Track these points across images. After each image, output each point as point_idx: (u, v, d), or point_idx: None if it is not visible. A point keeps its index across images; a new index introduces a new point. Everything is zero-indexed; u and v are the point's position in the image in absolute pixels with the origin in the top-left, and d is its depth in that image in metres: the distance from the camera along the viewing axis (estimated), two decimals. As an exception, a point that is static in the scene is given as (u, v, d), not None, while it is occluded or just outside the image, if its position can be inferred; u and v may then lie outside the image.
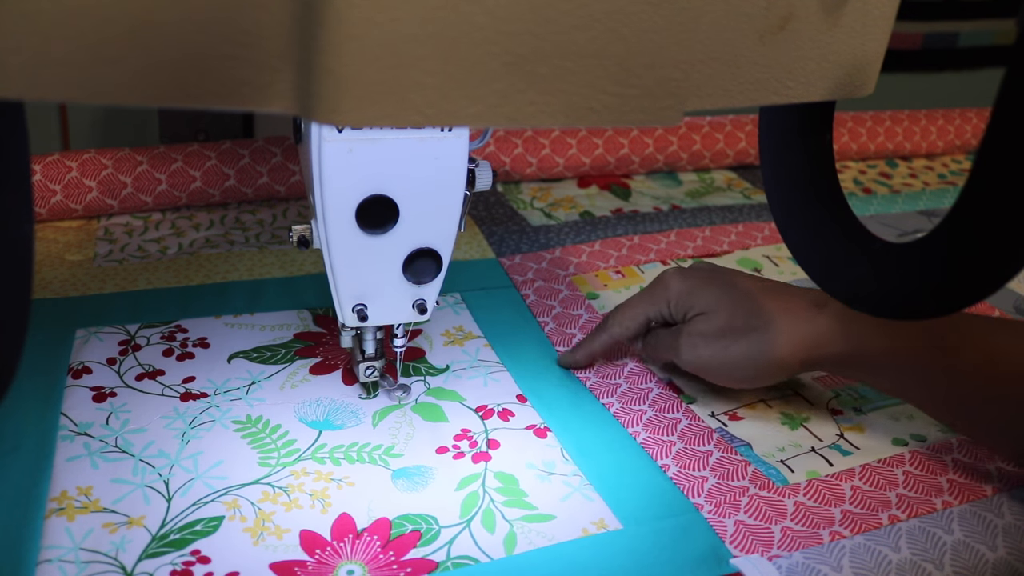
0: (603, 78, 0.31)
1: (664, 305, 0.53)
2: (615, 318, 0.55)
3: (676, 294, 0.53)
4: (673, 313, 0.53)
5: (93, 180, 0.68)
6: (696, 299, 0.52)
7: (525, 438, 0.50)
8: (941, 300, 0.37)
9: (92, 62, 0.27)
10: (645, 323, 0.55)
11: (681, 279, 0.53)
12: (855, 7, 0.36)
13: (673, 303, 0.53)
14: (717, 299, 0.51)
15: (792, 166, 0.46)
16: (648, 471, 0.48)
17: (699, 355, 0.51)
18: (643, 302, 0.54)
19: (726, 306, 0.51)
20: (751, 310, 0.50)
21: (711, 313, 0.51)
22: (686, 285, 0.52)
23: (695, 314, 0.52)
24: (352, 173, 0.42)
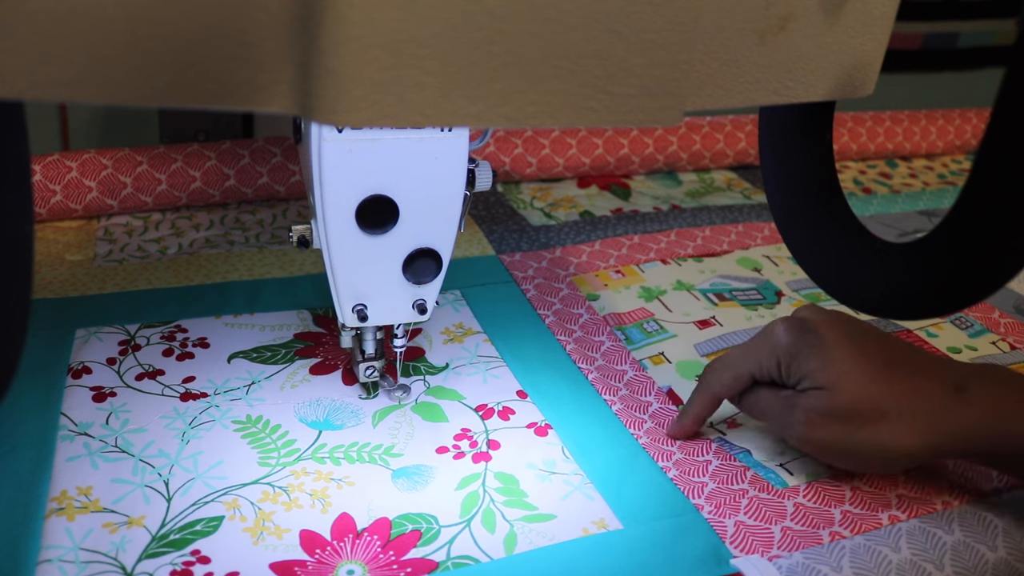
0: (603, 78, 0.31)
1: (773, 365, 0.46)
2: (715, 374, 0.49)
3: (787, 354, 0.45)
4: (784, 376, 0.45)
5: (93, 180, 0.68)
6: (813, 366, 0.44)
7: (525, 437, 0.50)
8: (941, 300, 0.37)
9: (92, 62, 0.27)
10: (748, 382, 0.47)
11: (794, 335, 0.45)
12: (855, 7, 0.36)
13: (784, 365, 0.45)
14: (840, 373, 0.43)
15: (792, 166, 0.46)
16: (649, 471, 0.48)
17: (817, 437, 0.44)
18: (747, 358, 0.47)
19: (851, 383, 0.43)
20: (880, 391, 0.43)
21: (833, 390, 0.43)
22: (800, 345, 0.45)
23: (812, 386, 0.44)
24: (352, 173, 0.42)
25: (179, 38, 0.27)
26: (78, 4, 0.26)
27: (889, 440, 0.43)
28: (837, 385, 0.43)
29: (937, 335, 0.65)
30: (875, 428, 0.43)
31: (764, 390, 0.47)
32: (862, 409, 0.43)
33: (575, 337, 0.59)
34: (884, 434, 0.43)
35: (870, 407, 0.43)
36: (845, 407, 0.43)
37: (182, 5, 0.27)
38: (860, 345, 0.44)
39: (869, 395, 0.43)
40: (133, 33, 0.27)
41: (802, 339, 0.45)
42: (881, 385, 0.43)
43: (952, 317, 0.67)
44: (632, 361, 0.58)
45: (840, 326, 0.46)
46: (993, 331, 0.66)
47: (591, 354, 0.58)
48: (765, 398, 0.47)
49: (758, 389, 0.47)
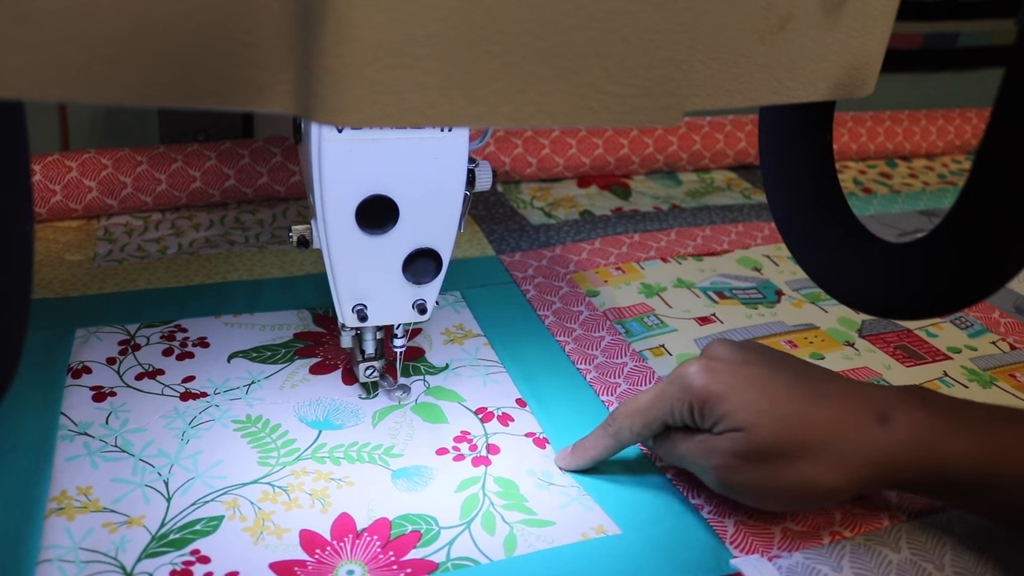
0: (603, 78, 0.31)
1: (686, 411, 0.43)
2: (623, 420, 0.46)
3: (700, 398, 0.42)
4: (698, 421, 0.43)
5: (93, 180, 0.68)
6: (727, 408, 0.41)
7: (524, 446, 0.50)
8: (941, 300, 0.37)
9: (92, 62, 0.27)
10: (660, 429, 0.45)
11: (707, 377, 0.42)
12: (855, 7, 0.36)
13: (698, 410, 0.42)
14: (757, 413, 0.41)
15: (792, 166, 0.46)
16: (648, 476, 0.48)
17: (738, 481, 0.42)
18: (659, 402, 0.44)
19: (768, 422, 0.41)
20: (800, 427, 0.41)
21: (750, 430, 0.41)
22: (715, 387, 0.42)
23: (728, 428, 0.42)
24: (352, 173, 0.42)
25: (179, 38, 0.27)
26: (78, 4, 0.26)
27: (813, 477, 0.41)
28: (754, 425, 0.41)
29: (937, 335, 0.65)
30: (798, 466, 0.41)
31: (678, 436, 0.44)
32: (782, 448, 0.41)
33: (575, 336, 0.59)
34: (807, 472, 0.41)
35: (791, 445, 0.41)
36: (764, 447, 0.41)
37: (182, 5, 0.27)
38: (776, 380, 0.42)
39: (789, 432, 0.41)
40: (133, 33, 0.27)
41: (715, 380, 0.42)
42: (800, 421, 0.41)
43: (952, 317, 0.67)
44: (632, 353, 0.58)
45: (753, 363, 0.43)
46: (993, 331, 0.66)
47: (591, 352, 0.58)
48: (680, 444, 0.44)
49: (672, 435, 0.45)
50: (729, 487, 0.43)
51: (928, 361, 0.61)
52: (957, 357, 0.62)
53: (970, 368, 0.61)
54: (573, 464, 0.48)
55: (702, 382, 0.42)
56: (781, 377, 0.43)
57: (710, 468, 0.42)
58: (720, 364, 0.43)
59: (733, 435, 0.41)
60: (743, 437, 0.41)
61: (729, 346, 0.45)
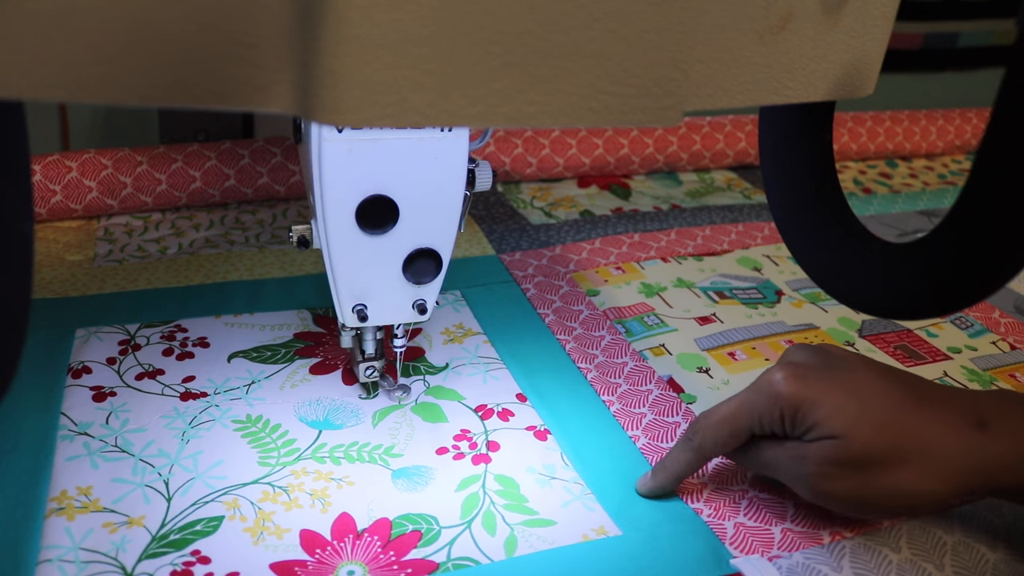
0: (603, 78, 0.31)
1: (776, 419, 0.42)
2: (707, 432, 0.44)
3: (791, 404, 0.41)
4: (789, 429, 0.42)
5: (93, 180, 0.68)
6: (821, 415, 0.40)
7: (525, 440, 0.50)
8: (941, 300, 0.37)
9: (92, 62, 0.27)
10: (747, 438, 0.44)
11: (797, 383, 0.41)
12: (855, 7, 0.36)
13: (789, 417, 0.41)
14: (851, 418, 0.40)
15: (792, 166, 0.46)
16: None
17: (834, 490, 0.41)
18: (745, 411, 0.43)
19: (864, 429, 0.40)
20: (896, 434, 0.40)
21: (845, 437, 0.40)
22: (806, 392, 0.41)
23: (822, 436, 0.40)
24: (352, 173, 0.42)
25: (179, 38, 0.27)
26: (78, 4, 0.26)
27: (911, 485, 0.40)
28: (849, 432, 0.40)
29: (937, 335, 0.65)
30: (895, 474, 0.40)
31: (767, 444, 0.43)
32: (879, 455, 0.40)
33: (575, 335, 0.59)
34: (905, 480, 0.40)
35: (888, 452, 0.40)
36: (860, 455, 0.40)
37: (182, 5, 0.27)
38: (867, 386, 0.41)
39: (885, 440, 0.40)
40: (133, 33, 0.27)
41: (806, 386, 0.41)
42: (897, 428, 0.40)
43: (952, 317, 0.67)
44: (632, 352, 0.58)
45: (840, 367, 0.42)
46: (993, 331, 0.66)
47: (591, 351, 0.58)
48: (770, 453, 0.43)
49: (759, 443, 0.44)
50: (824, 496, 0.41)
51: (928, 361, 0.61)
52: (957, 357, 0.62)
53: (970, 368, 0.61)
54: (656, 488, 0.46)
55: (792, 389, 0.41)
56: (872, 382, 0.42)
57: (805, 476, 0.41)
58: (807, 369, 0.42)
59: (827, 442, 0.40)
60: (838, 444, 0.40)
61: (812, 351, 0.44)
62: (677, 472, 0.45)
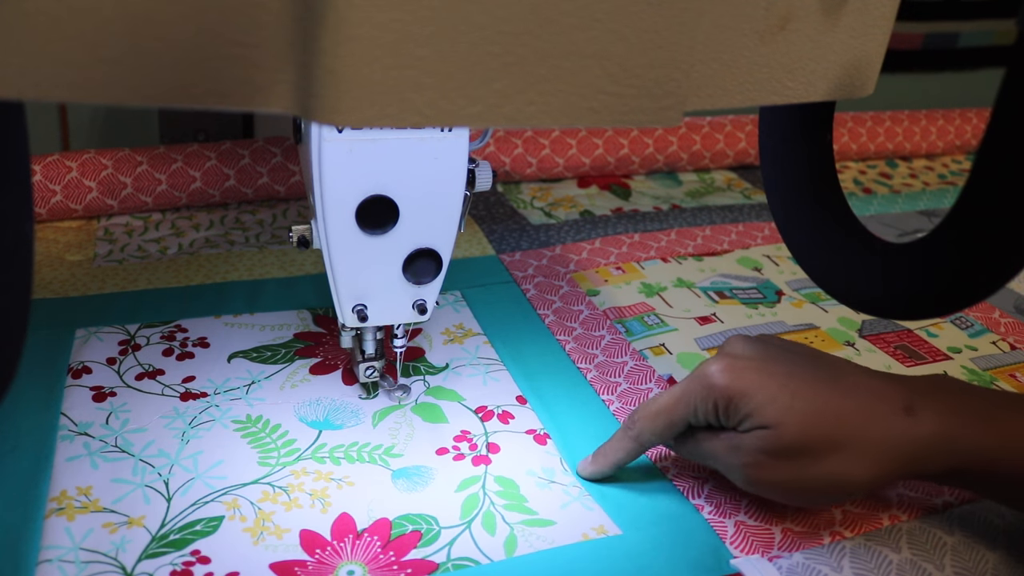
0: (603, 78, 0.31)
1: (710, 409, 0.42)
2: (645, 422, 0.45)
3: (726, 394, 0.42)
4: (723, 419, 0.43)
5: (93, 180, 0.68)
6: (753, 406, 0.41)
7: (525, 443, 0.50)
8: (941, 300, 0.37)
9: (92, 62, 0.27)
10: (683, 428, 0.44)
11: (731, 373, 0.42)
12: (855, 7, 0.36)
13: (723, 408, 0.42)
14: (784, 409, 0.41)
15: (792, 166, 0.46)
16: (649, 477, 0.48)
17: (767, 478, 0.42)
18: (682, 403, 0.44)
19: (795, 419, 0.40)
20: (826, 423, 0.41)
21: (778, 427, 0.41)
22: (740, 383, 0.42)
23: (755, 426, 0.41)
24: (352, 173, 0.42)
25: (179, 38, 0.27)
26: (78, 4, 0.26)
27: (842, 472, 0.41)
28: (782, 422, 0.40)
29: (937, 335, 0.65)
30: (826, 462, 0.41)
31: (703, 435, 0.44)
32: (810, 444, 0.40)
33: (575, 335, 0.59)
34: (836, 467, 0.41)
35: (818, 441, 0.40)
36: (792, 444, 0.40)
37: (182, 5, 0.27)
38: (800, 375, 0.42)
39: (817, 428, 0.41)
40: (133, 33, 0.27)
41: (739, 378, 0.42)
42: (828, 416, 0.41)
43: (952, 317, 0.67)
44: (632, 352, 0.58)
45: (776, 358, 0.43)
46: (993, 331, 0.66)
47: (591, 351, 0.58)
48: (706, 444, 0.44)
49: (696, 434, 0.44)
50: (758, 485, 0.42)
51: (928, 361, 0.61)
52: (957, 357, 0.62)
53: (970, 368, 0.61)
54: (595, 472, 0.47)
55: (726, 380, 0.42)
56: (805, 371, 0.42)
57: (739, 466, 0.42)
58: (743, 361, 0.43)
59: (760, 432, 0.41)
60: (770, 434, 0.41)
61: (749, 342, 0.45)
62: (615, 460, 0.46)
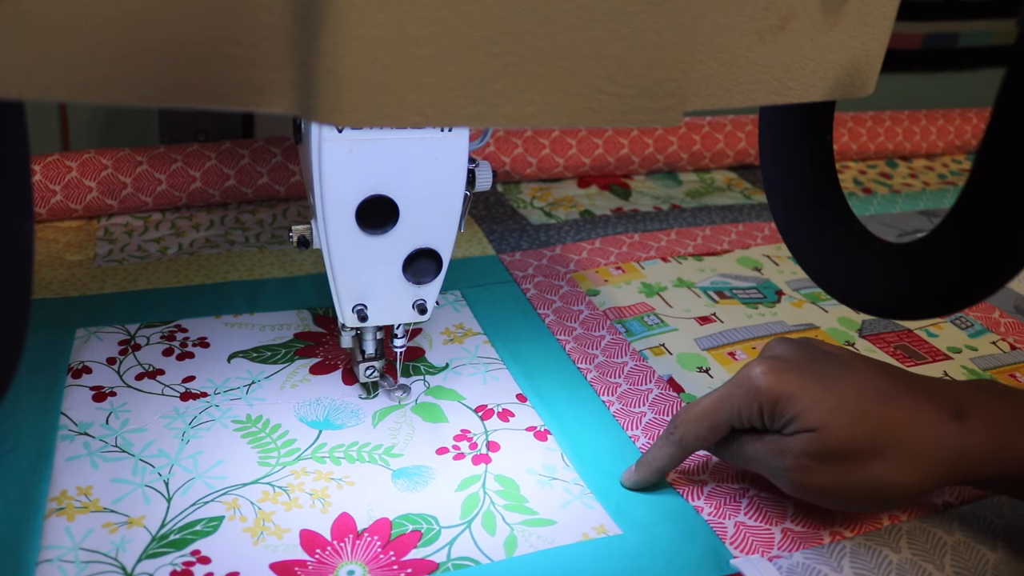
0: (603, 78, 0.31)
1: (755, 413, 0.42)
2: (687, 426, 0.44)
3: (770, 399, 0.41)
4: (768, 423, 0.42)
5: (93, 180, 0.68)
6: (799, 409, 0.41)
7: (525, 441, 0.50)
8: (941, 300, 0.37)
9: (92, 62, 0.27)
10: (727, 432, 0.44)
11: (775, 377, 0.41)
12: (855, 7, 0.36)
13: (768, 412, 0.42)
14: (829, 411, 0.40)
15: (792, 166, 0.46)
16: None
17: (812, 482, 0.41)
18: (725, 405, 0.43)
19: (842, 422, 0.40)
20: (874, 427, 0.40)
21: (823, 430, 0.40)
22: (783, 387, 0.41)
23: (800, 429, 0.41)
24: (352, 173, 0.42)
25: (179, 38, 0.27)
26: (78, 4, 0.26)
27: (888, 478, 0.40)
28: (827, 425, 0.40)
29: (937, 335, 0.65)
30: (872, 467, 0.40)
31: (747, 438, 0.44)
32: (857, 448, 0.40)
33: (575, 335, 0.60)
34: (882, 472, 0.40)
35: (865, 445, 0.40)
36: (838, 448, 0.40)
37: (182, 5, 0.27)
38: (846, 378, 0.42)
39: (863, 432, 0.40)
40: (133, 33, 0.27)
41: (784, 380, 0.41)
42: (874, 420, 0.40)
43: (952, 317, 0.67)
44: (632, 352, 0.58)
45: (820, 360, 0.43)
46: (993, 331, 0.66)
47: (591, 351, 0.58)
48: (750, 447, 0.43)
49: (740, 437, 0.44)
50: (803, 488, 0.42)
51: (928, 361, 0.61)
52: (957, 357, 0.62)
53: (970, 368, 0.61)
54: (640, 481, 0.46)
55: (771, 383, 0.41)
56: (850, 375, 0.42)
57: (783, 470, 0.42)
58: (786, 363, 0.42)
59: (805, 436, 0.41)
60: (816, 438, 0.40)
61: (792, 345, 0.45)
62: (659, 466, 0.46)
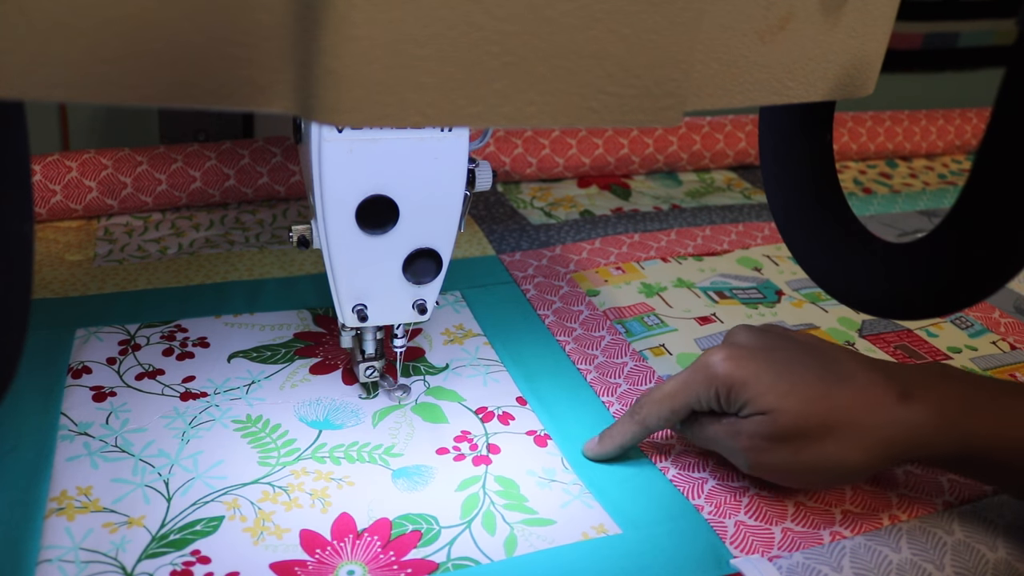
0: (603, 78, 0.31)
1: (711, 397, 0.44)
2: (650, 407, 0.47)
3: (726, 383, 0.44)
4: (724, 406, 0.44)
5: (93, 180, 0.68)
6: (752, 393, 0.43)
7: (525, 444, 0.50)
8: (941, 300, 0.37)
9: (92, 62, 0.27)
10: (687, 414, 0.46)
11: (732, 363, 0.44)
12: (855, 7, 0.36)
13: (724, 395, 0.44)
14: (781, 395, 0.42)
15: (792, 166, 0.46)
16: (649, 476, 0.48)
17: (765, 462, 0.44)
18: (685, 389, 0.46)
19: (791, 404, 0.42)
20: (822, 408, 0.42)
21: (774, 413, 0.42)
22: (739, 372, 0.43)
23: (753, 412, 0.43)
24: (352, 173, 0.42)
25: (180, 38, 0.27)
26: (78, 4, 0.26)
27: (836, 456, 0.42)
28: (778, 408, 0.42)
29: (937, 335, 0.65)
30: (822, 446, 0.42)
31: (706, 419, 0.46)
32: (806, 429, 0.42)
33: (575, 335, 0.59)
34: (831, 451, 0.42)
35: (814, 425, 0.42)
36: (788, 429, 0.42)
37: (182, 5, 0.27)
38: (798, 363, 0.44)
39: (812, 413, 0.42)
40: (133, 33, 0.27)
41: (739, 367, 0.44)
42: (823, 402, 0.42)
43: (952, 317, 0.67)
44: (632, 352, 0.58)
45: (776, 347, 0.45)
46: (993, 331, 0.66)
47: (591, 352, 0.58)
48: (709, 428, 0.46)
49: (700, 419, 0.46)
50: (757, 467, 0.44)
51: (928, 361, 0.61)
52: (957, 357, 0.62)
53: (970, 368, 0.61)
54: (601, 452, 0.49)
55: (726, 369, 0.44)
56: (803, 360, 0.44)
57: (739, 450, 0.44)
58: (743, 351, 0.45)
59: (758, 418, 0.43)
60: (768, 420, 0.43)
61: (751, 332, 0.47)
62: (622, 442, 0.48)
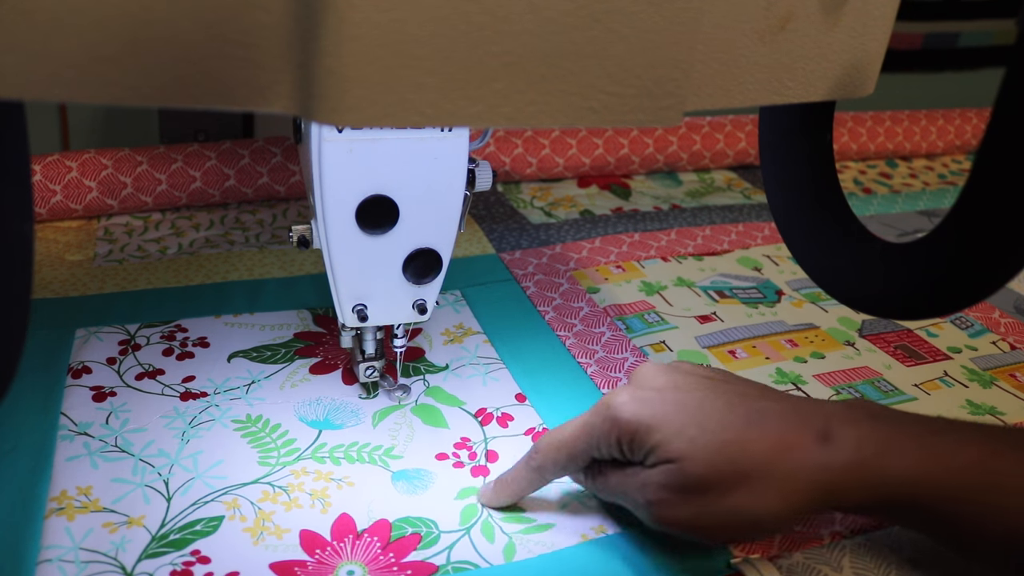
0: (603, 78, 0.31)
1: (613, 444, 0.40)
2: (548, 453, 0.42)
3: (629, 428, 0.39)
4: (627, 454, 0.40)
5: (93, 180, 0.68)
6: (659, 439, 0.38)
7: (524, 445, 0.50)
8: (941, 300, 0.37)
9: (92, 62, 0.27)
10: (587, 462, 0.42)
11: (634, 407, 0.39)
12: (855, 7, 0.36)
13: (627, 443, 0.39)
14: (688, 442, 0.38)
15: (792, 166, 0.46)
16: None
17: (673, 516, 0.39)
18: (583, 435, 0.41)
19: (701, 452, 0.38)
20: (735, 454, 0.38)
21: (682, 461, 0.38)
22: (643, 417, 0.39)
23: (659, 461, 0.39)
24: (352, 173, 0.42)
25: (179, 38, 0.27)
26: (78, 4, 0.26)
27: (749, 506, 0.38)
28: (686, 455, 0.38)
29: (937, 335, 0.65)
30: (735, 496, 0.38)
31: (608, 469, 0.41)
32: (718, 478, 0.38)
33: (575, 331, 0.60)
34: (743, 501, 0.38)
35: (727, 475, 0.38)
36: (699, 478, 0.38)
37: (182, 5, 0.27)
38: (708, 405, 0.39)
39: (724, 461, 0.38)
40: (133, 33, 0.27)
41: (643, 410, 0.39)
42: (735, 448, 0.38)
43: (952, 317, 0.67)
44: (633, 348, 0.58)
45: (683, 387, 0.41)
46: (993, 331, 0.66)
47: (591, 347, 0.58)
48: (614, 479, 0.41)
49: (602, 468, 0.42)
50: (666, 523, 0.39)
51: (928, 361, 0.61)
52: (957, 357, 0.62)
53: (970, 368, 0.61)
54: (495, 501, 0.45)
55: (629, 413, 0.39)
56: (714, 401, 0.40)
57: (644, 504, 0.39)
58: (648, 392, 0.40)
59: (666, 467, 0.38)
60: (676, 469, 0.38)
61: (657, 370, 0.42)
62: (516, 490, 0.44)
